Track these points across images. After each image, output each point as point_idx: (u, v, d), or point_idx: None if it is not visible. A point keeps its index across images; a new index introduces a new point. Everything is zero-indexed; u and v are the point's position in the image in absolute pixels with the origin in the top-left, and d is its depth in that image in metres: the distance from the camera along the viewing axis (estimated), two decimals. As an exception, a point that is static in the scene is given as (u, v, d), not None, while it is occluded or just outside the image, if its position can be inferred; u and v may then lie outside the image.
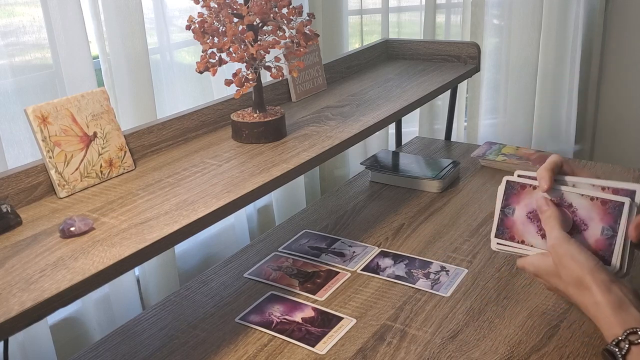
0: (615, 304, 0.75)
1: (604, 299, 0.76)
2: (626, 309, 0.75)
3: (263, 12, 1.07)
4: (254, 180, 1.00)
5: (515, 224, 0.89)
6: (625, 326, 0.73)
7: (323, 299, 1.10)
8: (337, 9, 1.97)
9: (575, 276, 0.79)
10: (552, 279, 0.83)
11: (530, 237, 0.88)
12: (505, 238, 0.89)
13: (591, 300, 0.77)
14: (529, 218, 0.88)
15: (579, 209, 0.85)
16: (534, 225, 0.88)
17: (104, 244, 0.81)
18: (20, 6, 1.24)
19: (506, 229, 0.90)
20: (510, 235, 0.89)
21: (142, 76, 1.38)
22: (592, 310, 0.78)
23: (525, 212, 0.89)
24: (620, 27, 2.57)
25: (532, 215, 0.88)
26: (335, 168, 2.10)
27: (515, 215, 0.89)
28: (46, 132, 0.96)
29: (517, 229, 0.89)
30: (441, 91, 1.57)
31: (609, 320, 0.75)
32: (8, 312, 0.67)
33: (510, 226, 0.90)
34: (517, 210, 0.89)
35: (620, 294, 0.76)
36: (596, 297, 0.76)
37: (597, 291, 0.77)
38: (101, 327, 1.43)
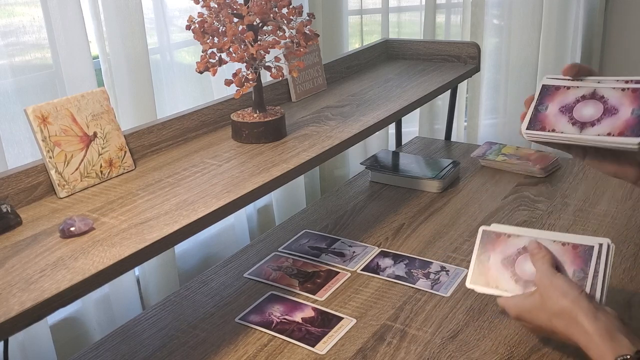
0: (603, 331, 0.76)
1: (591, 328, 0.76)
2: (615, 336, 0.75)
3: (263, 12, 1.07)
4: (254, 180, 1.00)
5: (490, 271, 0.92)
6: (616, 354, 0.73)
7: (323, 299, 1.10)
8: (337, 9, 1.97)
9: (560, 306, 0.80)
10: (536, 315, 0.83)
11: (504, 282, 0.90)
12: (481, 285, 0.92)
13: (579, 330, 0.78)
14: (503, 265, 0.91)
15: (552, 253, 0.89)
16: (508, 271, 0.90)
17: (104, 244, 0.81)
18: (20, 6, 1.24)
19: (481, 277, 0.92)
20: (486, 282, 0.92)
21: (142, 76, 1.38)
22: (581, 339, 0.78)
23: (500, 259, 0.91)
24: (620, 27, 2.57)
25: (507, 261, 0.91)
26: (335, 168, 2.10)
27: (490, 262, 0.92)
28: (46, 132, 0.96)
29: (492, 275, 0.91)
30: (441, 91, 1.57)
31: (599, 349, 0.75)
32: (8, 312, 0.67)
33: (486, 272, 0.92)
34: (492, 257, 0.92)
35: (607, 321, 0.77)
36: (584, 326, 0.77)
37: (585, 320, 0.77)
38: (101, 327, 1.43)
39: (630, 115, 0.84)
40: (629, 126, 0.84)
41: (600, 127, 0.85)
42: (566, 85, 0.91)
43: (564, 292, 0.80)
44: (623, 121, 0.84)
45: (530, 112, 0.91)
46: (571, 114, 0.88)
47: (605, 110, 0.87)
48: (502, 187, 1.48)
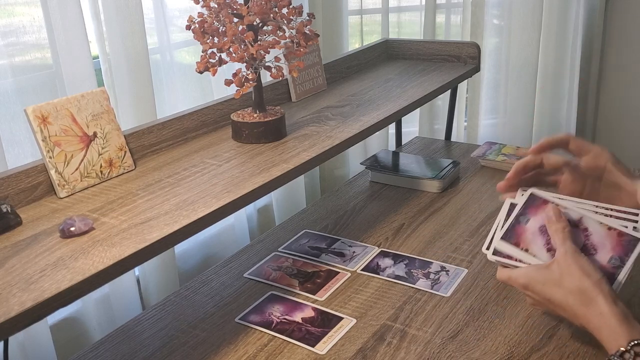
0: (621, 315, 0.76)
1: (610, 310, 0.76)
2: (631, 322, 0.76)
3: (263, 12, 1.07)
4: (254, 180, 1.00)
5: (526, 233, 0.90)
6: (630, 337, 0.74)
7: (323, 299, 1.10)
8: (337, 9, 1.96)
9: (580, 285, 0.79)
10: (550, 288, 0.83)
11: (536, 248, 0.88)
12: (511, 243, 0.90)
13: (596, 311, 0.77)
14: (540, 231, 0.89)
15: (593, 235, 0.87)
16: (543, 238, 0.88)
17: (104, 244, 0.81)
18: (20, 6, 1.24)
19: (514, 235, 0.90)
20: (516, 242, 0.90)
21: (142, 76, 1.38)
22: (595, 320, 0.78)
23: (539, 225, 0.89)
24: (620, 27, 2.57)
25: (545, 229, 0.89)
26: (335, 168, 2.10)
27: (529, 224, 0.90)
28: (46, 132, 0.96)
29: (526, 237, 0.89)
30: (441, 91, 1.57)
31: (613, 331, 0.75)
32: (8, 312, 0.68)
33: (520, 233, 0.90)
34: (531, 220, 0.90)
35: (625, 308, 0.77)
36: (602, 307, 0.77)
37: (604, 302, 0.77)
38: (101, 327, 1.43)
39: (607, 262, 0.85)
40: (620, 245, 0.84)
41: None
42: (554, 203, 0.91)
43: (587, 273, 0.80)
44: (598, 267, 0.84)
45: (510, 222, 0.91)
46: (549, 238, 0.87)
47: (585, 247, 0.87)
48: (502, 187, 1.48)
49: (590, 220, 0.88)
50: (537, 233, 0.89)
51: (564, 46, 2.44)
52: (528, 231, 0.90)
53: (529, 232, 0.90)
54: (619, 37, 2.58)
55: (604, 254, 0.85)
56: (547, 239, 0.87)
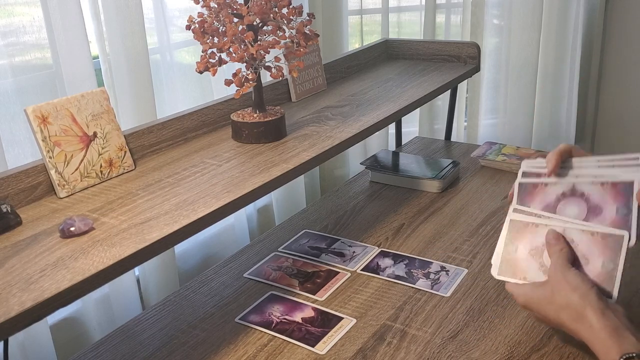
0: (610, 328, 0.75)
1: (599, 324, 0.76)
2: (622, 334, 0.75)
3: (263, 12, 1.07)
4: (254, 180, 1.00)
5: (518, 262, 0.90)
6: (621, 351, 0.73)
7: (323, 299, 1.10)
8: (337, 9, 1.96)
9: (569, 300, 0.80)
10: (544, 306, 0.83)
11: (532, 273, 0.88)
12: (508, 275, 0.90)
13: (586, 325, 0.78)
14: (531, 255, 0.89)
15: (580, 244, 0.87)
16: (536, 262, 0.89)
17: (104, 244, 0.81)
18: (20, 6, 1.24)
19: (510, 268, 0.91)
20: (513, 274, 0.90)
21: (142, 76, 1.38)
22: (586, 335, 0.78)
23: (528, 250, 0.90)
24: (620, 27, 2.57)
25: (535, 252, 0.89)
26: (335, 168, 2.10)
27: (518, 253, 0.91)
28: (46, 132, 0.96)
29: (520, 266, 0.90)
30: (441, 91, 1.57)
31: (605, 345, 0.75)
32: (8, 312, 0.67)
33: (514, 265, 0.90)
34: (519, 248, 0.91)
35: (615, 318, 0.77)
36: (591, 321, 0.77)
37: (593, 315, 0.77)
38: (101, 327, 1.43)
39: (616, 214, 0.85)
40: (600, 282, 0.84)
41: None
42: (534, 223, 0.91)
43: (574, 287, 0.80)
44: (610, 222, 0.85)
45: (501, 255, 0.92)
46: (541, 260, 0.88)
47: (590, 210, 0.87)
48: (502, 187, 1.48)
49: (573, 231, 0.88)
50: (529, 259, 0.90)
51: (564, 46, 2.44)
52: (520, 260, 0.90)
53: (521, 260, 0.90)
54: (619, 37, 2.58)
55: (595, 261, 0.85)
56: (540, 262, 0.88)
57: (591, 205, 0.87)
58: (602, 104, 2.70)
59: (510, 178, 1.53)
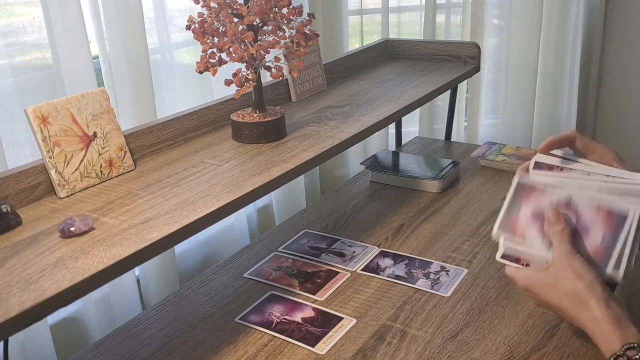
0: (613, 318, 0.75)
1: (602, 314, 0.76)
2: (624, 324, 0.75)
3: (263, 12, 1.07)
4: (254, 180, 1.00)
5: (520, 221, 0.90)
6: (623, 341, 0.73)
7: (323, 299, 1.10)
8: (337, 9, 1.96)
9: (573, 289, 0.79)
10: (547, 291, 0.83)
11: (531, 236, 0.88)
12: (507, 232, 0.90)
13: (589, 315, 0.77)
14: (533, 218, 0.89)
15: (583, 215, 0.86)
16: (537, 225, 0.88)
17: (104, 244, 0.81)
18: (20, 6, 1.24)
19: (510, 224, 0.90)
20: (512, 230, 0.90)
21: (142, 76, 1.38)
22: (589, 324, 0.78)
23: (531, 211, 0.89)
24: (620, 27, 2.57)
25: (537, 214, 0.88)
26: (335, 168, 2.10)
27: (520, 213, 0.90)
28: (46, 132, 0.96)
29: (521, 225, 0.89)
30: (441, 91, 1.57)
31: (607, 335, 0.75)
32: (8, 312, 0.67)
33: (514, 222, 0.90)
34: (522, 209, 0.90)
35: (618, 309, 0.77)
36: (594, 311, 0.77)
37: (596, 306, 0.77)
38: (101, 327, 1.43)
39: (600, 244, 0.84)
40: (598, 256, 0.84)
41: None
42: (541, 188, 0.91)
43: (580, 275, 0.79)
44: (592, 246, 0.85)
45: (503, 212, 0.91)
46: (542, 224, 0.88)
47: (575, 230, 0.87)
48: (502, 187, 1.48)
49: (580, 200, 0.87)
50: (530, 221, 0.89)
51: (564, 46, 2.44)
52: (521, 220, 0.90)
53: (523, 220, 0.90)
54: (619, 37, 2.58)
55: (595, 235, 0.84)
56: (540, 224, 0.87)
57: (581, 225, 0.87)
58: (602, 104, 2.70)
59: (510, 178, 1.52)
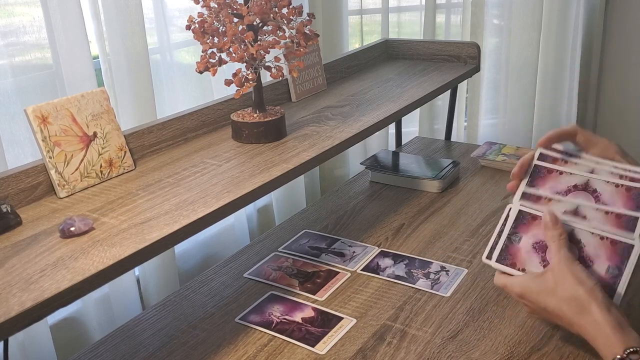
0: (615, 323, 0.76)
1: (604, 319, 0.76)
2: (625, 329, 0.75)
3: (263, 12, 1.07)
4: (254, 180, 1.00)
5: (520, 252, 0.89)
6: (626, 345, 0.73)
7: (323, 299, 1.10)
8: (337, 9, 1.96)
9: (574, 294, 0.79)
10: (544, 297, 0.82)
11: (532, 266, 0.87)
12: (506, 264, 0.89)
13: (589, 319, 0.77)
14: (534, 249, 0.88)
15: (587, 247, 0.86)
16: (538, 256, 0.88)
17: (104, 244, 0.81)
18: (20, 6, 1.24)
19: (509, 256, 0.89)
20: (512, 262, 0.89)
21: (142, 76, 1.38)
22: (590, 329, 0.77)
23: (532, 242, 0.89)
24: (620, 27, 2.57)
25: (539, 246, 0.88)
26: (335, 168, 2.10)
27: (521, 244, 0.89)
28: (46, 132, 0.96)
29: (521, 256, 0.88)
30: (441, 91, 1.57)
31: (609, 340, 0.75)
32: (8, 312, 0.67)
33: (515, 253, 0.89)
34: (523, 239, 0.89)
35: (619, 315, 0.77)
36: (596, 316, 0.77)
37: (598, 311, 0.77)
38: (101, 327, 1.43)
39: (605, 273, 0.85)
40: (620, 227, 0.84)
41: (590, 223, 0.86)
42: (559, 170, 0.91)
43: (580, 280, 0.79)
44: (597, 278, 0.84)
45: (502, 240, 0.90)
46: (544, 254, 0.87)
47: (581, 259, 0.87)
48: (502, 187, 1.48)
49: (582, 232, 0.87)
50: (531, 251, 0.88)
51: (564, 46, 2.44)
52: (522, 250, 0.89)
53: (523, 251, 0.89)
54: (619, 37, 2.58)
55: (600, 265, 0.84)
56: (542, 256, 0.87)
57: (584, 254, 0.87)
58: (602, 104, 2.70)
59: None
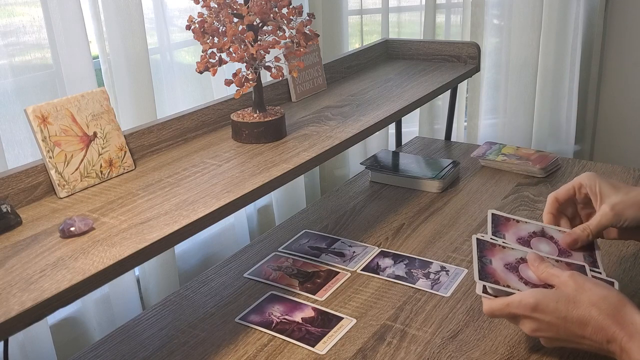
0: None
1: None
2: None
3: (263, 12, 1.07)
4: (254, 180, 1.00)
5: (497, 271, 0.88)
6: None
7: (323, 299, 1.10)
8: (337, 9, 1.97)
9: (605, 295, 0.76)
10: (565, 305, 0.77)
11: (514, 283, 0.86)
12: (490, 281, 0.86)
13: (626, 320, 0.74)
14: (507, 269, 0.88)
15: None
16: (514, 275, 0.87)
17: (104, 244, 0.81)
18: (20, 6, 1.24)
19: (489, 275, 0.87)
20: (495, 280, 0.86)
21: (142, 76, 1.38)
22: (627, 328, 0.74)
23: (502, 265, 0.89)
24: (620, 27, 2.57)
25: (510, 267, 0.88)
26: (335, 168, 2.10)
27: (494, 265, 0.89)
28: (46, 132, 0.96)
29: (500, 275, 0.87)
30: (441, 91, 1.57)
31: None
32: (8, 312, 0.67)
33: (492, 273, 0.88)
34: (493, 261, 0.89)
35: None
36: (633, 316, 0.74)
37: (634, 311, 0.74)
38: (101, 327, 1.44)
39: (584, 260, 0.89)
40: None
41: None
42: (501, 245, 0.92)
43: (605, 285, 0.78)
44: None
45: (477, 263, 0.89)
46: (518, 273, 0.87)
47: (560, 252, 0.91)
48: (502, 187, 1.48)
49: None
50: (505, 271, 0.88)
51: (564, 46, 2.44)
52: (497, 270, 0.88)
53: (499, 270, 0.88)
54: (619, 37, 2.58)
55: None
56: (518, 275, 0.87)
57: (561, 248, 0.91)
58: (602, 104, 2.70)
59: (510, 178, 1.53)
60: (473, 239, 0.93)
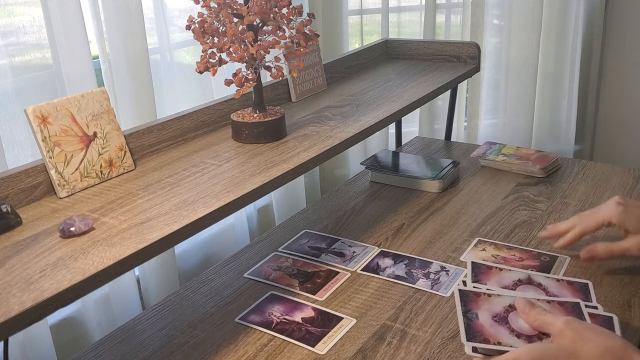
0: None
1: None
2: None
3: (263, 12, 1.07)
4: (254, 180, 1.00)
5: (484, 327, 0.83)
6: None
7: (323, 299, 1.10)
8: (337, 9, 1.97)
9: (608, 345, 0.73)
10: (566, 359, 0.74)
11: (505, 338, 0.80)
12: (479, 341, 0.81)
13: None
14: (496, 322, 0.83)
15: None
16: (504, 327, 0.82)
17: (104, 244, 0.81)
18: (20, 6, 1.24)
19: (477, 333, 0.82)
20: (484, 338, 0.81)
21: (142, 76, 1.38)
22: None
23: (490, 316, 0.84)
24: (620, 27, 2.57)
25: (499, 318, 0.84)
26: (335, 168, 2.10)
27: (481, 319, 0.84)
28: (46, 132, 0.96)
29: (488, 331, 0.82)
30: (441, 91, 1.57)
31: None
32: (8, 312, 0.67)
33: (480, 329, 0.82)
34: (480, 315, 0.85)
35: None
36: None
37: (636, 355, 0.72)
38: (101, 327, 1.44)
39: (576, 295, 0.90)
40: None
41: None
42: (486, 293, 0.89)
43: (607, 334, 0.75)
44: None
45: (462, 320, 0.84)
46: (508, 324, 0.82)
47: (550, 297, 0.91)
48: (502, 187, 1.48)
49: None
50: (494, 324, 0.83)
51: (564, 46, 2.44)
52: (485, 325, 0.83)
53: (487, 325, 0.83)
54: (619, 37, 2.58)
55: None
56: (509, 327, 0.82)
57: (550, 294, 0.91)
58: (602, 104, 2.70)
59: (510, 178, 1.53)
60: (455, 290, 0.88)
